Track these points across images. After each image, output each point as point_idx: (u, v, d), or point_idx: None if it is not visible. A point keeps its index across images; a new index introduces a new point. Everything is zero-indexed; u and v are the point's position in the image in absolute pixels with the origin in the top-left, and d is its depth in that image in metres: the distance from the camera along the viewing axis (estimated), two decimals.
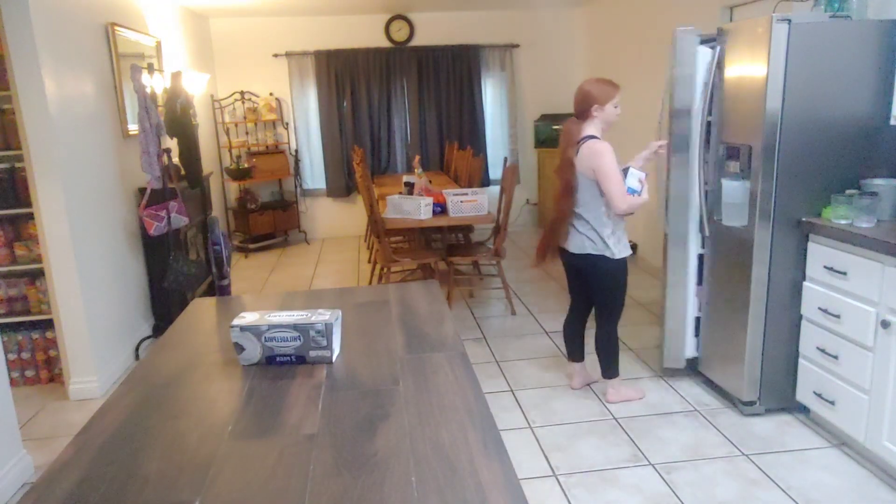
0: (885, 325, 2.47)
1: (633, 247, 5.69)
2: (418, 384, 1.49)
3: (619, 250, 3.06)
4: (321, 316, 1.63)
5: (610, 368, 3.28)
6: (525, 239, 7.21)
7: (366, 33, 7.21)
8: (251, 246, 7.00)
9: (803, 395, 2.98)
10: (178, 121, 4.24)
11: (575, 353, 3.45)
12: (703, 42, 3.17)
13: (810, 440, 2.90)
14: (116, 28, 4.24)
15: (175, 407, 1.45)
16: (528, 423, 3.15)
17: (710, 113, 3.18)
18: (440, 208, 4.59)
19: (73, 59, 3.67)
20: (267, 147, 7.19)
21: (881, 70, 2.79)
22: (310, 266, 6.39)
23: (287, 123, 7.31)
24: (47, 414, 3.48)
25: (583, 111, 3.02)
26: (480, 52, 7.36)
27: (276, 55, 7.17)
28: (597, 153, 2.93)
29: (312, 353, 1.63)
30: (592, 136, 3.00)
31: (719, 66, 3.10)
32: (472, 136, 7.40)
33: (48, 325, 3.71)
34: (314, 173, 7.56)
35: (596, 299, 3.23)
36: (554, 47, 7.54)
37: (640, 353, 3.92)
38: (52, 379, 3.83)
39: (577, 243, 3.10)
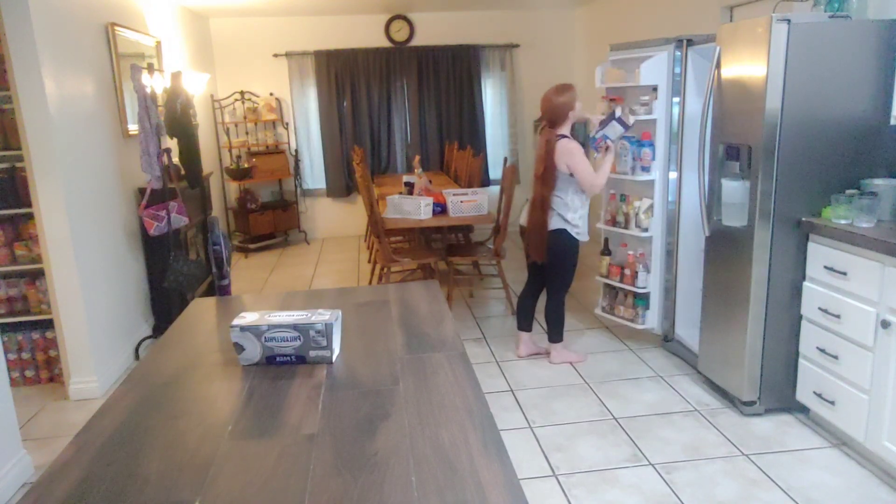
0: (885, 325, 2.47)
1: None
2: (418, 384, 1.49)
3: (578, 232, 3.56)
4: (321, 316, 1.63)
5: (556, 334, 3.77)
6: None
7: (366, 33, 7.21)
8: (251, 246, 7.00)
9: (803, 395, 2.98)
10: (178, 121, 4.23)
11: (524, 323, 3.93)
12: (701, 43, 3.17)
13: (810, 440, 2.90)
14: (116, 28, 4.24)
15: (175, 407, 1.45)
16: (528, 423, 3.15)
17: (709, 113, 3.18)
18: (440, 208, 4.59)
19: (73, 59, 3.67)
20: (267, 147, 7.19)
21: (881, 70, 2.79)
22: (310, 266, 6.39)
23: (287, 123, 7.31)
24: (47, 414, 3.48)
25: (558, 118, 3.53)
26: (480, 52, 7.36)
27: (276, 55, 7.17)
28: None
29: (312, 353, 1.63)
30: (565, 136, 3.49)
31: (718, 66, 3.11)
32: (472, 135, 7.40)
33: (48, 325, 3.71)
34: (314, 173, 7.56)
35: (551, 273, 3.67)
36: (554, 47, 7.54)
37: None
38: (52, 379, 3.83)
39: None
